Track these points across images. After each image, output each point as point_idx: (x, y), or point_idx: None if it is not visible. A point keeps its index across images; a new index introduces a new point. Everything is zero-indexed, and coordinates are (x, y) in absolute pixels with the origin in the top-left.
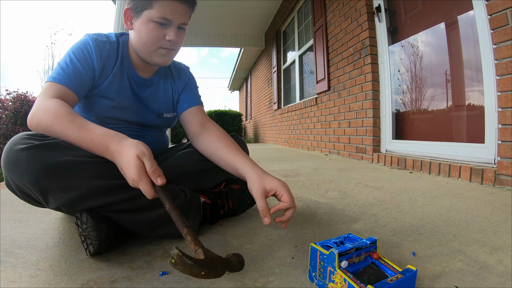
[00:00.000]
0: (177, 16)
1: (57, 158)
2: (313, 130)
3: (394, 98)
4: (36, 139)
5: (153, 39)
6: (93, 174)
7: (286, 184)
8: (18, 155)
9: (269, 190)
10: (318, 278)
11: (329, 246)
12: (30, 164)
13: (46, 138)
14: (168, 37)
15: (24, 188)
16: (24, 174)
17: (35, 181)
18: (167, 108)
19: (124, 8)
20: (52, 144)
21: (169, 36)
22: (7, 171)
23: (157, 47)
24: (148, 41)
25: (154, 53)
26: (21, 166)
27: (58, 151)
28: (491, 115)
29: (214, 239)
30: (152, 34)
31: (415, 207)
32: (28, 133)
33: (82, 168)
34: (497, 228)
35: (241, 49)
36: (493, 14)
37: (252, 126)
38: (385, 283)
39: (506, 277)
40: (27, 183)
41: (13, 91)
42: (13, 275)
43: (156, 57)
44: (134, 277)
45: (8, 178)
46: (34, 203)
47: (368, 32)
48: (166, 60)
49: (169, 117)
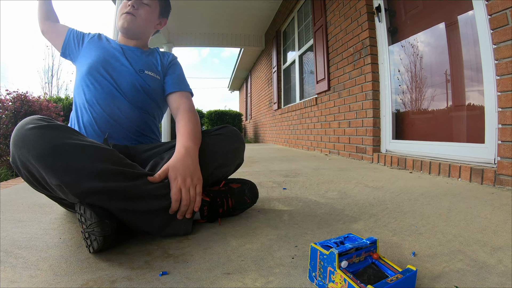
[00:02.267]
0: None
1: (64, 140)
2: (313, 130)
3: (394, 98)
4: (46, 121)
5: (120, 8)
6: (96, 158)
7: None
8: (28, 132)
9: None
10: (318, 278)
11: (329, 246)
12: (38, 142)
13: (55, 121)
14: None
15: (29, 165)
16: (31, 150)
17: (41, 157)
18: (150, 68)
19: None
20: (60, 127)
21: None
22: (15, 147)
23: (121, 13)
24: (118, 13)
25: (119, 18)
26: (29, 143)
27: (66, 133)
28: (491, 115)
29: (214, 239)
30: (121, 6)
31: (415, 207)
32: (38, 116)
33: (87, 151)
34: (497, 228)
35: (241, 49)
36: (493, 14)
37: (252, 126)
38: (385, 283)
39: (506, 277)
40: (33, 159)
41: (13, 91)
42: (13, 275)
43: (120, 21)
44: (134, 277)
45: (15, 154)
46: (36, 184)
47: (368, 32)
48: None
49: (151, 75)
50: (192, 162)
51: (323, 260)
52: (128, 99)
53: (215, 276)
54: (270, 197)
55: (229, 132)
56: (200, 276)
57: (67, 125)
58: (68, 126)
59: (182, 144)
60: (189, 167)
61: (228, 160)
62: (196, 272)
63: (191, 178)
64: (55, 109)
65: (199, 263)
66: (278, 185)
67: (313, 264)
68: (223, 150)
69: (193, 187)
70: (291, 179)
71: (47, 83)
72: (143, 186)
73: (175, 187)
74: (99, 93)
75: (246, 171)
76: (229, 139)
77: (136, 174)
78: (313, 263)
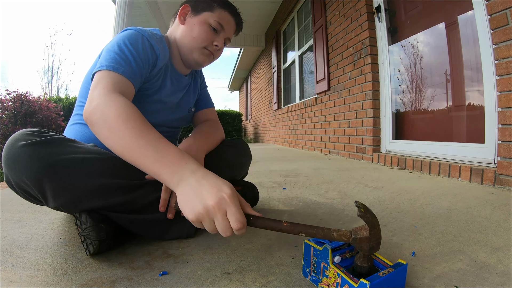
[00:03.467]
0: (229, 28)
1: (57, 157)
2: (313, 130)
3: (394, 98)
4: (37, 136)
5: (203, 38)
6: (93, 172)
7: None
8: (18, 151)
9: None
10: (312, 273)
11: (322, 242)
12: (29, 162)
13: (47, 134)
14: (216, 42)
15: (23, 185)
16: (24, 172)
17: (34, 179)
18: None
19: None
20: (53, 141)
21: (217, 42)
22: (7, 168)
23: (202, 46)
24: (198, 38)
25: (197, 50)
26: (20, 164)
27: (59, 147)
28: (491, 115)
29: (214, 239)
30: (205, 34)
31: (415, 207)
32: (30, 129)
33: (82, 166)
34: (497, 228)
35: (241, 49)
36: (493, 14)
37: (252, 126)
38: (377, 277)
39: (506, 277)
40: (27, 180)
41: (13, 91)
42: (13, 275)
43: (197, 54)
44: (134, 277)
45: (8, 175)
46: (34, 200)
47: (368, 32)
48: (204, 60)
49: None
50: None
51: (316, 256)
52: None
53: (215, 276)
54: (270, 197)
55: (239, 144)
56: (200, 276)
57: (67, 124)
58: (61, 138)
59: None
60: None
61: (234, 172)
62: (196, 272)
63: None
64: (55, 109)
65: (199, 263)
66: (278, 185)
67: (307, 260)
68: (231, 162)
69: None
70: (291, 179)
71: (47, 83)
72: (143, 197)
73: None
74: None
75: None
76: (238, 152)
77: (137, 184)
78: (307, 259)
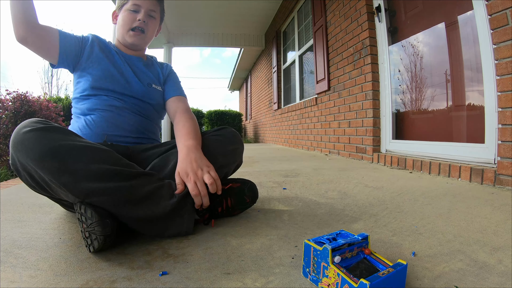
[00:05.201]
0: (146, 4)
1: (61, 141)
2: (313, 130)
3: (394, 98)
4: (42, 123)
5: (126, 21)
6: (94, 158)
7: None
8: (25, 135)
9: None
10: (312, 273)
11: (322, 242)
12: (35, 144)
13: (52, 123)
14: (139, 17)
15: (28, 167)
16: (29, 153)
17: (39, 160)
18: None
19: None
20: (57, 128)
21: (139, 17)
22: (14, 150)
23: (129, 29)
24: (124, 23)
25: (127, 34)
26: (27, 146)
27: (62, 134)
28: (491, 115)
29: (214, 239)
30: (127, 17)
31: (415, 207)
32: (36, 118)
33: (84, 152)
34: (497, 228)
35: (241, 49)
36: (493, 14)
37: (252, 126)
38: (377, 277)
39: (506, 277)
40: (31, 162)
41: (13, 91)
42: (13, 275)
43: (128, 37)
44: (134, 277)
45: (14, 157)
46: (36, 186)
47: (368, 32)
48: (134, 40)
49: (157, 89)
50: (196, 155)
51: (316, 256)
52: (133, 109)
53: (215, 276)
54: (270, 197)
55: (228, 133)
56: (200, 276)
57: (68, 126)
58: (64, 128)
59: (183, 143)
60: (195, 160)
61: (227, 161)
62: (196, 272)
63: (201, 168)
64: (55, 109)
65: (199, 263)
66: (278, 185)
67: (307, 260)
68: (222, 151)
69: (207, 173)
70: (291, 179)
71: (47, 83)
72: (141, 187)
73: (191, 184)
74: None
75: (246, 171)
76: (228, 140)
77: (134, 173)
78: (307, 259)
